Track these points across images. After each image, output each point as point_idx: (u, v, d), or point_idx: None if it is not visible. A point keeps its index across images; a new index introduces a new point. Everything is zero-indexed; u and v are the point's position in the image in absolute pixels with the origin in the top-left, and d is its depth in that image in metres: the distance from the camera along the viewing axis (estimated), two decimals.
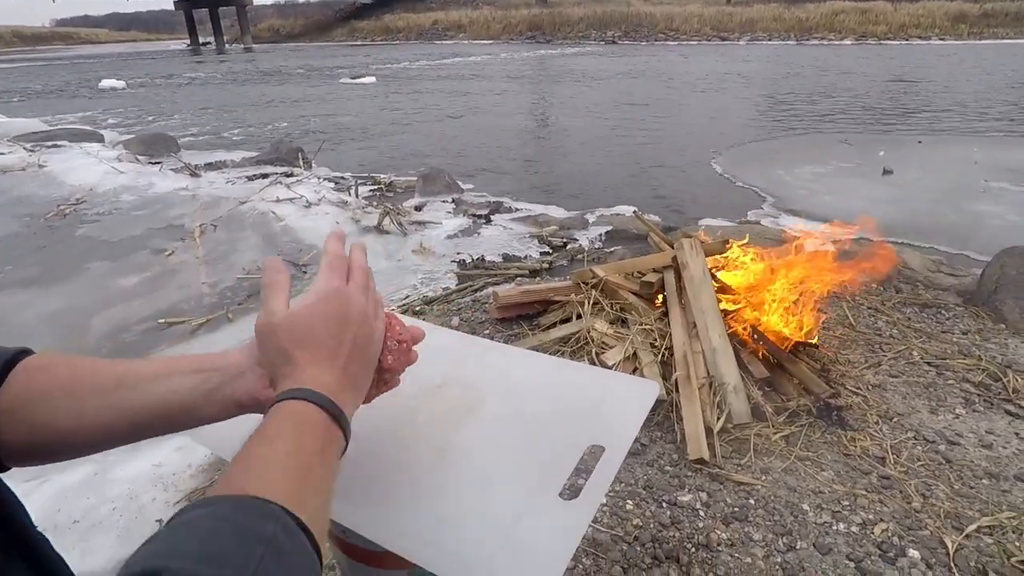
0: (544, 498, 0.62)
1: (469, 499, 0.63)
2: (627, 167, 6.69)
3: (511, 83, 15.84)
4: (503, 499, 0.63)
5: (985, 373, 2.31)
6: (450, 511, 0.62)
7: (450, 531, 0.60)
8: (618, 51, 27.06)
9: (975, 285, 3.00)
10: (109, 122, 10.75)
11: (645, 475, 1.87)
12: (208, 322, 3.19)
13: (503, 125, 9.64)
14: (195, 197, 5.24)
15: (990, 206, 4.88)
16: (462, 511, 0.62)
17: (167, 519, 0.39)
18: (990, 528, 1.62)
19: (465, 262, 3.89)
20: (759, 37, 32.58)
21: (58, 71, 25.74)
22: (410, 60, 24.22)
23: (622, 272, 2.74)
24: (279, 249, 4.10)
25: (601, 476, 0.64)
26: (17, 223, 4.75)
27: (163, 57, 35.58)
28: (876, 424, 2.05)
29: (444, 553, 0.58)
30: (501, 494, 0.63)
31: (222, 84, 17.66)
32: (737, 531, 1.65)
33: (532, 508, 0.61)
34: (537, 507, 0.61)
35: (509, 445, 0.71)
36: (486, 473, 0.67)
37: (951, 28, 30.81)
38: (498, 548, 0.57)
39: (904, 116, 9.27)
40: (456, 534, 0.59)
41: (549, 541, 0.57)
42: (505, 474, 0.66)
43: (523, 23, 40.51)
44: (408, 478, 0.67)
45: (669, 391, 2.11)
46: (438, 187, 5.48)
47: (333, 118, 10.57)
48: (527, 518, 0.60)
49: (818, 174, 6.02)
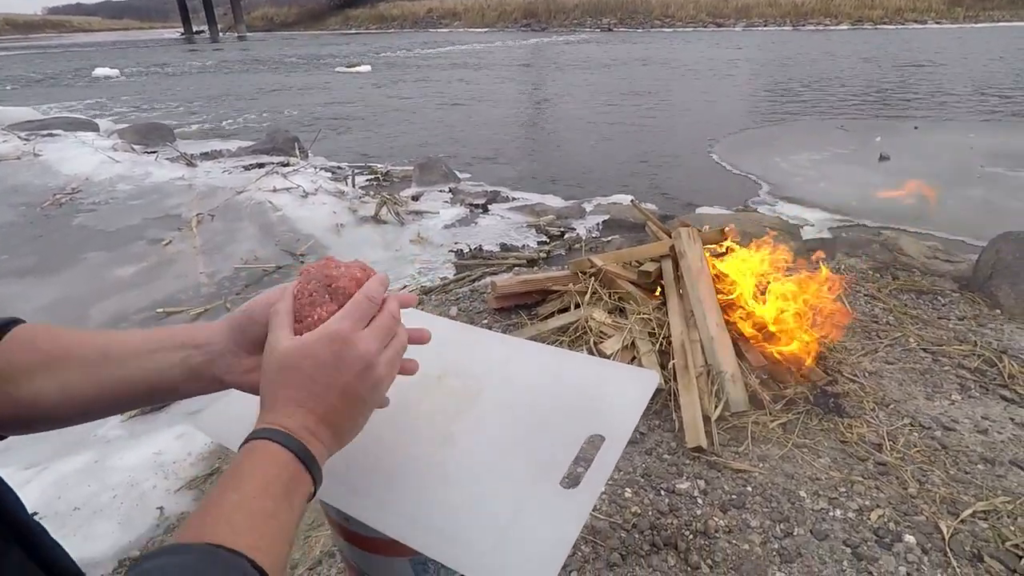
0: (545, 487, 0.62)
1: (470, 487, 0.64)
2: (624, 155, 6.67)
3: (506, 71, 15.73)
4: (504, 488, 0.63)
5: (981, 359, 2.33)
6: (452, 499, 0.62)
7: (452, 519, 0.60)
8: (614, 38, 26.88)
9: (971, 271, 3.01)
10: (104, 111, 10.66)
11: (643, 463, 1.89)
12: (206, 311, 3.18)
13: (499, 114, 9.58)
14: (191, 187, 5.22)
15: (986, 191, 4.89)
16: (464, 499, 0.62)
17: (131, 565, 0.39)
18: (985, 513, 1.64)
19: (463, 252, 3.88)
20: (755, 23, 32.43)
21: (51, 59, 25.49)
22: (405, 48, 24.04)
23: (620, 261, 2.74)
24: (276, 239, 4.09)
25: (601, 465, 0.64)
26: (13, 212, 4.72)
27: (157, 45, 35.24)
28: (872, 411, 2.06)
29: (446, 540, 0.58)
30: (502, 483, 0.64)
31: (216, 73, 17.50)
32: (735, 518, 1.67)
33: (533, 497, 0.61)
34: (538, 496, 0.62)
35: (509, 435, 0.71)
36: (487, 462, 0.67)
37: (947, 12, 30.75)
38: (500, 535, 0.58)
39: (900, 101, 9.24)
40: (458, 522, 0.60)
41: (551, 529, 0.58)
42: (506, 463, 0.66)
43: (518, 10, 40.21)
44: (410, 467, 0.67)
45: (667, 380, 2.12)
46: (435, 176, 5.45)
47: (329, 107, 10.50)
48: (528, 506, 0.60)
49: (815, 161, 6.01)
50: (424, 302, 3.15)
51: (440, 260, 3.79)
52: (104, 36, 58.96)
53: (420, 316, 0.97)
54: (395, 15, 46.53)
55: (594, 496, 0.62)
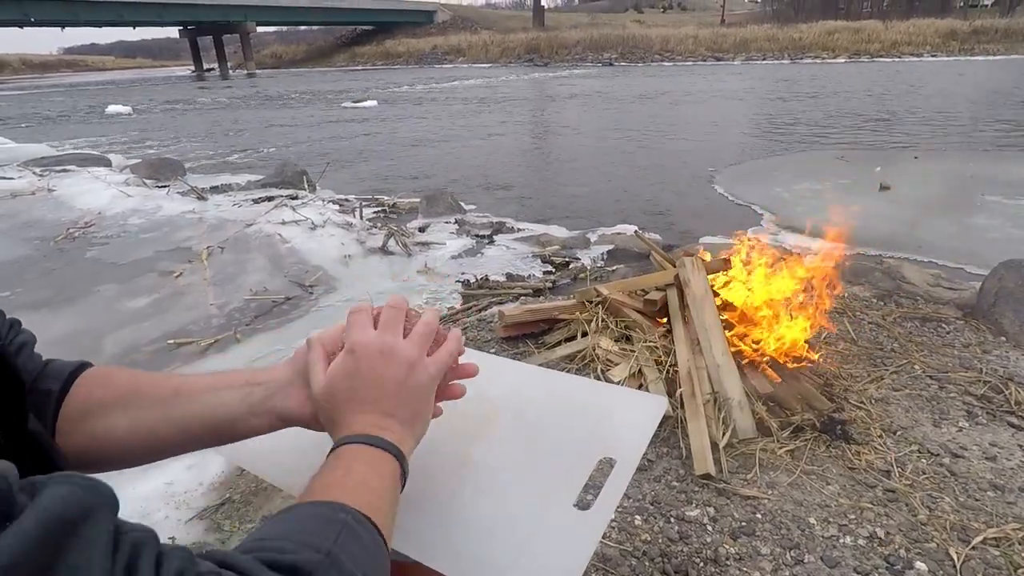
0: (559, 508, 0.65)
1: (488, 509, 0.66)
2: (627, 186, 6.77)
3: (509, 105, 16.05)
4: (520, 509, 0.66)
5: (987, 386, 2.33)
6: (470, 520, 0.65)
7: (471, 539, 0.62)
8: (615, 72, 27.44)
9: (974, 298, 3.03)
10: (116, 147, 10.90)
11: (652, 491, 1.89)
12: (217, 342, 3.22)
13: (503, 146, 9.76)
14: (202, 220, 5.31)
15: (987, 219, 4.93)
16: (482, 520, 0.65)
17: None
18: (996, 540, 1.63)
19: (469, 282, 3.93)
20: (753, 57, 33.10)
21: (65, 97, 26.13)
22: (410, 84, 24.58)
23: (625, 290, 2.78)
24: (285, 271, 4.15)
25: (613, 487, 0.66)
26: (27, 246, 4.81)
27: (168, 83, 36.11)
28: (880, 438, 2.07)
29: (466, 560, 0.60)
30: (518, 504, 0.66)
31: (226, 109, 17.91)
32: (745, 545, 1.66)
33: (548, 517, 0.64)
34: (553, 516, 0.64)
35: (524, 457, 0.74)
36: (503, 483, 0.70)
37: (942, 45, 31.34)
38: (517, 556, 0.60)
39: (898, 132, 9.38)
40: (477, 542, 0.62)
41: (566, 548, 0.60)
42: (521, 485, 0.69)
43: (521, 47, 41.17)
44: (429, 490, 0.69)
45: (674, 407, 2.14)
46: (441, 208, 5.55)
47: (336, 141, 10.71)
48: (544, 527, 0.63)
49: (816, 191, 6.09)
50: None
51: (447, 290, 3.83)
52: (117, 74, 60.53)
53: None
54: (401, 52, 47.68)
55: (607, 516, 0.65)
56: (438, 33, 50.58)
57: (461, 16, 55.32)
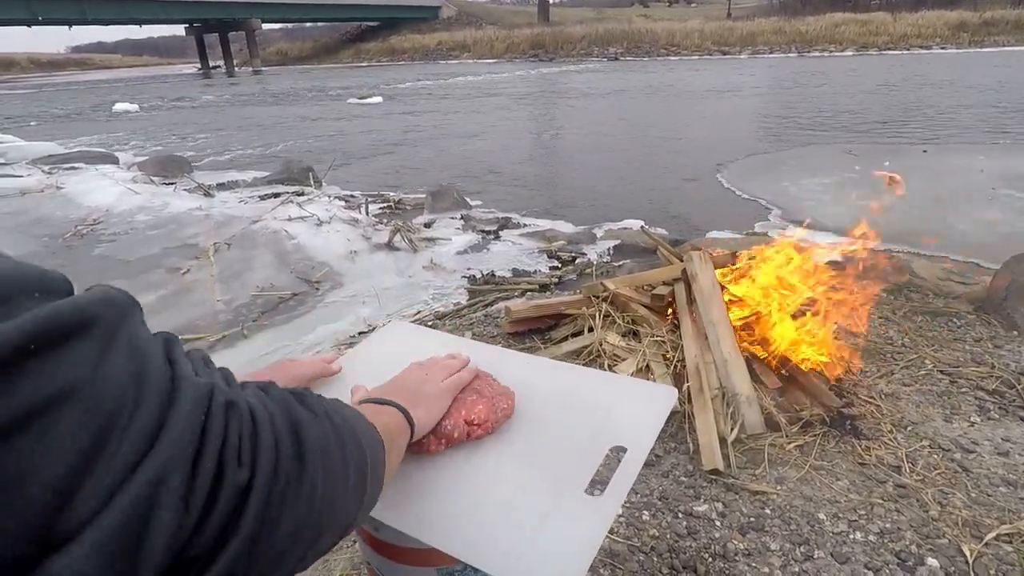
0: (571, 494, 0.65)
1: (500, 496, 0.66)
2: (633, 181, 6.75)
3: (514, 100, 16.02)
4: (532, 495, 0.66)
5: (999, 380, 2.31)
6: (482, 506, 0.65)
7: (483, 525, 0.63)
8: (621, 67, 27.34)
9: (985, 293, 3.00)
10: (124, 144, 10.95)
11: (660, 486, 1.88)
12: (224, 338, 3.23)
13: (508, 141, 9.74)
14: (209, 216, 5.33)
15: (998, 214, 4.88)
16: (493, 506, 0.65)
17: None
18: (1009, 536, 1.62)
19: (475, 277, 3.92)
20: (760, 51, 32.84)
21: (73, 95, 26.28)
22: (416, 80, 24.57)
23: (632, 285, 2.76)
24: (291, 267, 4.16)
25: (625, 474, 0.66)
26: (36, 243, 4.84)
27: (175, 80, 36.26)
28: (890, 433, 2.05)
29: (478, 545, 0.60)
30: (530, 491, 0.66)
31: (232, 106, 17.96)
32: (754, 541, 1.65)
33: (560, 504, 0.64)
34: (565, 503, 0.64)
35: (535, 446, 0.74)
36: (515, 472, 0.70)
37: (952, 37, 30.97)
38: (530, 540, 0.60)
39: (908, 125, 9.29)
40: (489, 528, 0.62)
41: (578, 534, 0.60)
42: (533, 472, 0.69)
43: (526, 42, 41.01)
44: (442, 477, 0.70)
45: (682, 402, 2.13)
46: (447, 204, 5.54)
47: (342, 137, 10.72)
48: (556, 513, 0.63)
49: (824, 184, 6.05)
50: (438, 327, 3.18)
51: (453, 286, 3.83)
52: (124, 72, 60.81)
53: (455, 341, 1.03)
54: (406, 48, 47.61)
55: (619, 503, 0.64)
56: (443, 29, 50.44)
57: (466, 12, 55.14)
